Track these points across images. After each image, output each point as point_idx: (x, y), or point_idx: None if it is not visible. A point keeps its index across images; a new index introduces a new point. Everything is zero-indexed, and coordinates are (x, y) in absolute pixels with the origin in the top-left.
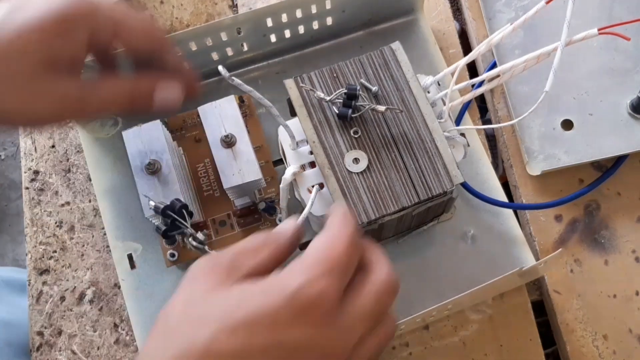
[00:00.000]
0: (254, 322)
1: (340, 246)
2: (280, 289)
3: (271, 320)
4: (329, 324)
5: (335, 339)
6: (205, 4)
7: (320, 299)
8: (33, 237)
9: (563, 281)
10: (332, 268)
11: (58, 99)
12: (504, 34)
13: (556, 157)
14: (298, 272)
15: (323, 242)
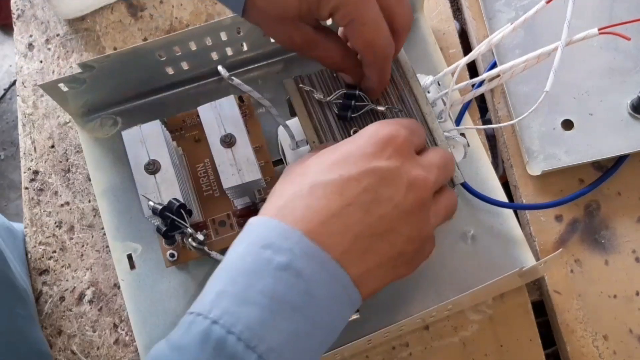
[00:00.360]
0: (345, 159)
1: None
2: (361, 135)
3: (359, 154)
4: (409, 159)
5: (417, 171)
6: (205, 3)
7: (393, 137)
8: (33, 237)
9: (563, 281)
10: (400, 122)
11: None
12: (504, 34)
13: (556, 157)
14: (372, 126)
15: None
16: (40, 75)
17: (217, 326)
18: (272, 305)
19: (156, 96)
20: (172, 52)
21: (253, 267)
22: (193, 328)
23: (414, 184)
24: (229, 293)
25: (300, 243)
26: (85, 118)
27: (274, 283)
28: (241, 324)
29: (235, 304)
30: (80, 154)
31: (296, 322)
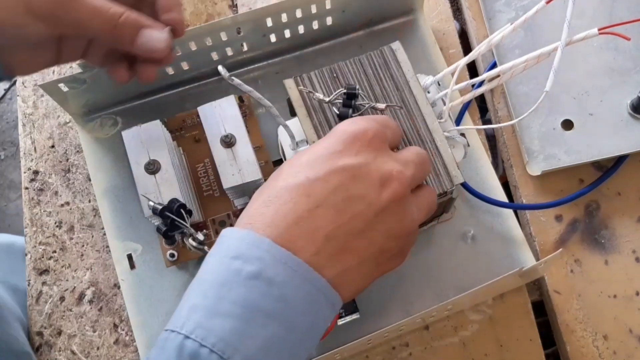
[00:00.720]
0: (313, 160)
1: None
2: (330, 134)
3: (327, 154)
4: (381, 153)
5: (391, 165)
6: (205, 4)
7: (363, 131)
8: (33, 237)
9: (563, 281)
10: (372, 118)
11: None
12: (504, 34)
13: (556, 157)
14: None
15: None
16: (40, 75)
17: (189, 340)
18: (245, 315)
19: (156, 96)
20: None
21: (224, 279)
22: (168, 344)
23: (389, 178)
24: (200, 306)
25: (270, 250)
26: (85, 118)
27: (246, 292)
28: (213, 336)
29: (206, 316)
30: (81, 154)
31: (271, 329)
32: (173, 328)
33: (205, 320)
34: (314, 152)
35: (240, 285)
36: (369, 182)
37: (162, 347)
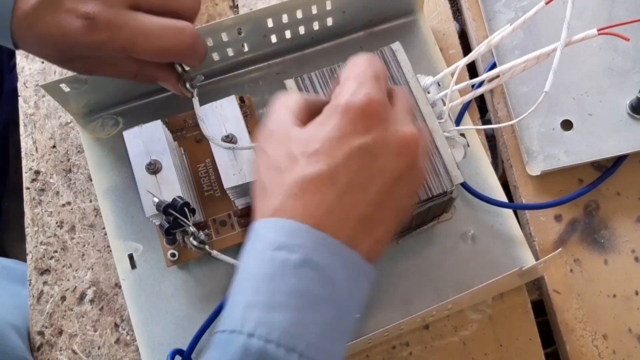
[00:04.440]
0: (328, 145)
1: (362, 64)
2: (332, 112)
3: (339, 136)
4: (389, 120)
5: (404, 130)
6: (206, 4)
7: (368, 104)
8: (34, 237)
9: (563, 281)
10: (365, 80)
11: None
12: (504, 35)
13: (556, 157)
14: (340, 95)
15: (346, 70)
16: (41, 75)
17: (254, 339)
18: (300, 304)
19: (157, 96)
20: None
21: (272, 272)
22: (230, 346)
23: (404, 145)
24: (256, 303)
25: (310, 236)
26: (86, 118)
27: (297, 282)
28: (277, 329)
29: (265, 312)
30: (82, 154)
31: (326, 313)
32: (233, 328)
33: (264, 316)
34: (325, 135)
35: (289, 275)
36: (387, 154)
37: (223, 349)
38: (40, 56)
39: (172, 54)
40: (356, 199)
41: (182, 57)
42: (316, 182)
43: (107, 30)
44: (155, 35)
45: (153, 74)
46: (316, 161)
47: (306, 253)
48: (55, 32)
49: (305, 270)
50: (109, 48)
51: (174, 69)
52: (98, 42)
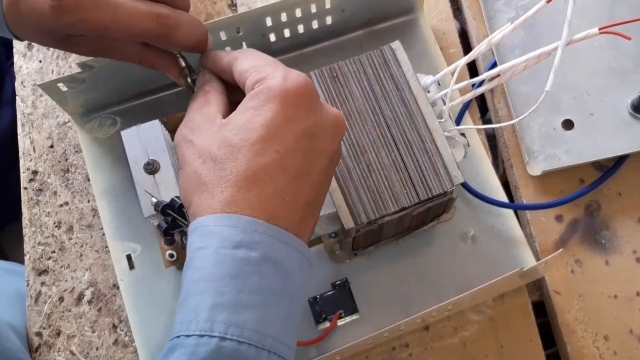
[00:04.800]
0: (273, 131)
1: (255, 53)
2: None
3: (283, 121)
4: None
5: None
6: (204, 3)
7: (305, 86)
8: (32, 237)
9: (564, 282)
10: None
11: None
12: (505, 34)
13: (557, 157)
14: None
15: (245, 60)
16: (39, 74)
17: (227, 342)
18: (264, 301)
19: (155, 96)
20: None
21: (234, 271)
22: (200, 350)
23: (337, 126)
24: (222, 304)
25: (267, 231)
26: (84, 118)
27: (259, 279)
28: (247, 330)
29: (233, 313)
30: (80, 154)
31: (285, 306)
32: (202, 332)
33: (233, 317)
34: (268, 122)
35: (251, 273)
36: (324, 135)
37: (192, 354)
38: (37, 42)
39: (144, 38)
40: (303, 184)
41: (157, 41)
42: (268, 170)
43: (75, 12)
44: (126, 20)
45: (155, 62)
46: (264, 148)
47: (265, 249)
48: (33, 15)
49: (265, 267)
50: (81, 29)
51: (177, 60)
52: (69, 24)
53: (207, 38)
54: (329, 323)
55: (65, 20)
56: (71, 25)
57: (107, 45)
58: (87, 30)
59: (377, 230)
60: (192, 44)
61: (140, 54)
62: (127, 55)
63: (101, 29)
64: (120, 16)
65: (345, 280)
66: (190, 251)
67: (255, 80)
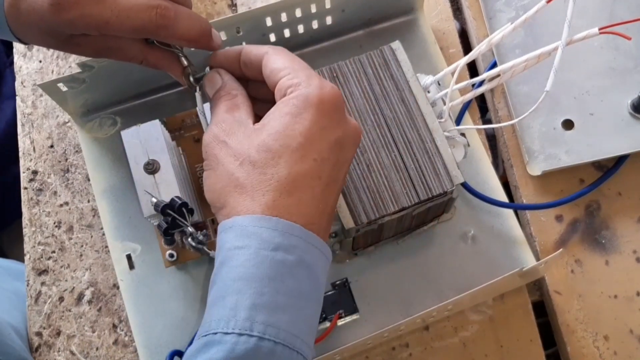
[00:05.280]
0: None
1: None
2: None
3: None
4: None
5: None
6: (204, 3)
7: (338, 96)
8: (32, 237)
9: (564, 282)
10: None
11: None
12: (505, 34)
13: (557, 157)
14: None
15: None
16: (39, 74)
17: (265, 342)
18: (298, 303)
19: (155, 96)
20: None
21: (272, 273)
22: (239, 348)
23: (358, 136)
24: (261, 305)
25: (302, 235)
26: (84, 118)
27: (294, 282)
28: (282, 330)
29: (271, 314)
30: (80, 154)
31: (312, 308)
32: (241, 331)
33: (271, 318)
34: (304, 129)
35: (288, 275)
36: (350, 145)
37: (230, 350)
38: (40, 43)
39: (145, 32)
40: (332, 191)
41: (157, 36)
42: (307, 177)
43: (75, 8)
44: (126, 13)
45: (157, 61)
46: (303, 156)
47: (300, 253)
48: (34, 15)
49: (300, 270)
50: (81, 26)
51: (179, 59)
52: (69, 21)
53: (209, 31)
54: (329, 323)
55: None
56: (72, 22)
57: (109, 45)
58: (88, 27)
59: (377, 230)
60: (195, 36)
61: (142, 54)
62: (129, 55)
63: (102, 24)
64: (120, 8)
65: (345, 280)
66: (225, 249)
67: (289, 84)
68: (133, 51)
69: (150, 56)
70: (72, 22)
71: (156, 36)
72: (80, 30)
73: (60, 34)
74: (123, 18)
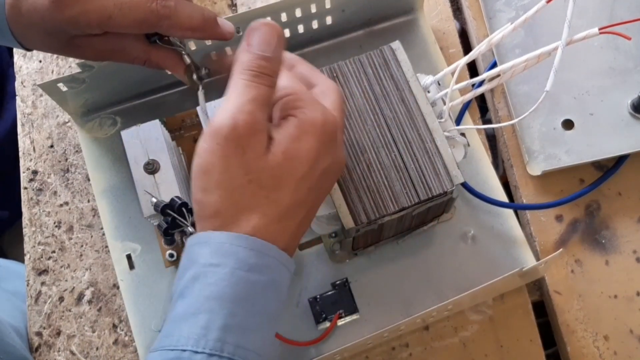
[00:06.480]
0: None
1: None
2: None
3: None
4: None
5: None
6: (204, 3)
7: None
8: (32, 237)
9: (564, 282)
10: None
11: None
12: (505, 34)
13: (557, 157)
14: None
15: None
16: (39, 74)
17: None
18: (266, 323)
19: (155, 96)
20: None
21: (245, 294)
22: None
23: (342, 169)
24: (233, 326)
25: (277, 256)
26: (84, 118)
27: (264, 303)
28: (251, 352)
29: (242, 335)
30: (80, 154)
31: (275, 327)
32: (212, 351)
33: (241, 339)
34: (305, 156)
35: (259, 296)
36: (333, 174)
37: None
38: (42, 47)
39: (148, 24)
40: (310, 215)
41: (159, 28)
42: (298, 205)
43: (76, 5)
44: (128, 6)
45: (160, 61)
46: (303, 185)
47: (272, 274)
48: (36, 15)
49: (270, 291)
50: (84, 23)
51: (182, 58)
52: (71, 18)
53: (214, 19)
54: (329, 323)
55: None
56: (74, 19)
57: (111, 47)
58: (91, 24)
59: (377, 230)
60: (198, 24)
61: (145, 54)
62: (132, 55)
63: (105, 19)
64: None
65: (345, 280)
66: (200, 264)
67: (292, 106)
68: (136, 51)
69: (153, 56)
70: (74, 20)
71: (159, 28)
72: (83, 27)
73: (62, 34)
74: (125, 11)
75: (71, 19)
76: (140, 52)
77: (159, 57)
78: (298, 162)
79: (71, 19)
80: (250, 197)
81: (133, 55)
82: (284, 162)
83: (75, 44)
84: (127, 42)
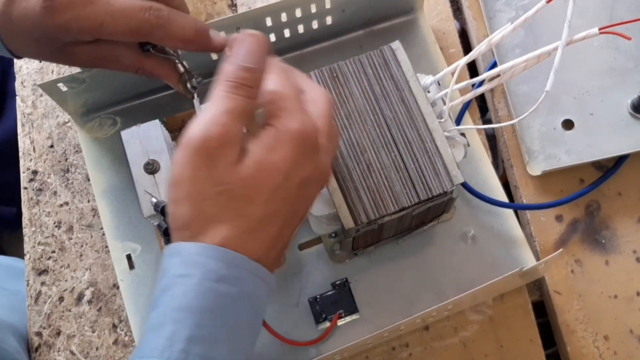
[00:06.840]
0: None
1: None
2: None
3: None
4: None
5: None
6: (204, 3)
7: (314, 134)
8: (32, 237)
9: (564, 282)
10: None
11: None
12: (505, 34)
13: (557, 157)
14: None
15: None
16: (39, 74)
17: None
18: (237, 336)
19: (155, 96)
20: None
21: (213, 305)
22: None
23: (325, 179)
24: (199, 338)
25: (250, 268)
26: (84, 118)
27: (235, 315)
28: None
29: (208, 347)
30: (80, 154)
31: (249, 339)
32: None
33: (208, 351)
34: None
35: (230, 309)
36: (315, 184)
37: None
38: (33, 54)
39: (140, 33)
40: (290, 226)
41: (152, 37)
42: (271, 216)
43: (68, 9)
44: (120, 14)
45: (154, 70)
46: (276, 198)
47: (244, 286)
48: (26, 21)
49: (242, 303)
50: (75, 29)
51: (175, 67)
52: (63, 24)
53: (206, 31)
54: (329, 323)
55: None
56: (66, 25)
57: (103, 54)
58: (82, 30)
59: (377, 230)
60: (191, 35)
61: (137, 62)
62: (124, 63)
63: (96, 26)
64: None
65: (345, 280)
66: (169, 275)
67: (272, 114)
68: (128, 59)
69: (146, 64)
70: (65, 26)
71: (151, 37)
72: (74, 34)
73: (54, 41)
74: (117, 19)
75: (62, 25)
76: (132, 60)
77: (152, 66)
78: (271, 172)
79: (62, 26)
80: (220, 208)
81: (125, 63)
82: (255, 174)
83: (67, 51)
84: (119, 50)
